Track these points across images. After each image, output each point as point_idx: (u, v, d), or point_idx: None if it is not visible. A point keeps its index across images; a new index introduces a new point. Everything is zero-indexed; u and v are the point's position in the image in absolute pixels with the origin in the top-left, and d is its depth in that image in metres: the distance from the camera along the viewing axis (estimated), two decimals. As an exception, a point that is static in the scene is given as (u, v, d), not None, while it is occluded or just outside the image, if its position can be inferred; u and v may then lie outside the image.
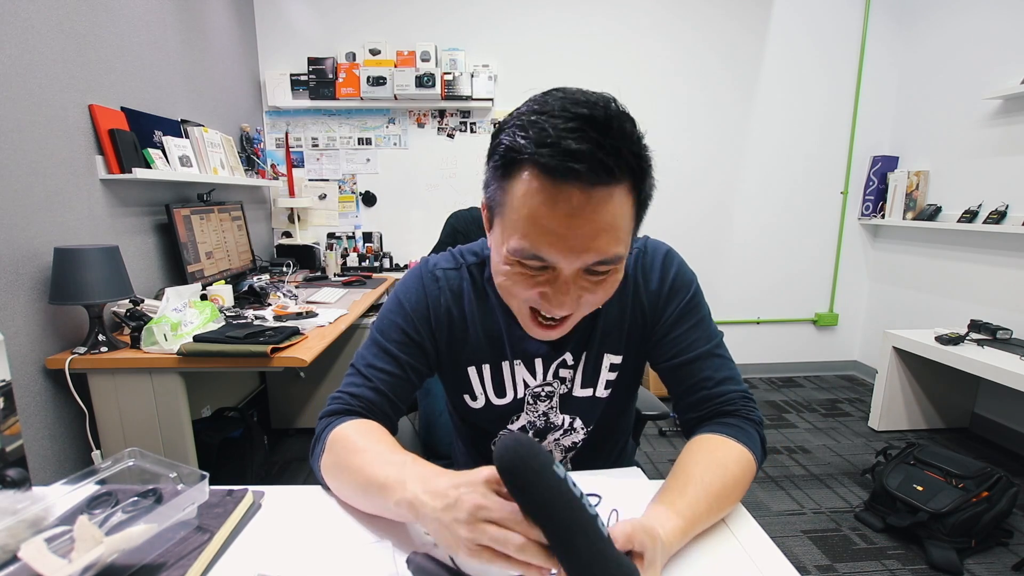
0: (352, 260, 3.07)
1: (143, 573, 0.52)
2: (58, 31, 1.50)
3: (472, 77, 2.87)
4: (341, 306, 2.04)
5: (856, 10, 3.07)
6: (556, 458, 0.86)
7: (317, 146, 3.04)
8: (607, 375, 0.80)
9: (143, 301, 1.59)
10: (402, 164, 3.08)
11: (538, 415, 0.82)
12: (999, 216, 2.45)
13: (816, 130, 3.18)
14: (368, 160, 3.07)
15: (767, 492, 2.08)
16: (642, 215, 0.62)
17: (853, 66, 3.12)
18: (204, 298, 1.80)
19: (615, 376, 0.81)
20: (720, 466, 0.66)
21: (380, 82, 2.82)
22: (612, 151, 0.54)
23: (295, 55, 2.92)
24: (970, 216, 2.59)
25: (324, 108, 2.97)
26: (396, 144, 3.05)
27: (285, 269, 2.67)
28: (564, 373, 0.80)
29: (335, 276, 2.78)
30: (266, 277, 2.46)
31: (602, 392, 0.81)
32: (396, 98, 2.87)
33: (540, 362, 0.79)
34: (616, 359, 0.80)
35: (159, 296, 1.72)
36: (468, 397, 0.82)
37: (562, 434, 0.84)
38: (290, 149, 3.01)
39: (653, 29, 3.01)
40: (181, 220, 1.92)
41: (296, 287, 2.39)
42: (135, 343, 1.49)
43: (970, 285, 2.68)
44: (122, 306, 1.59)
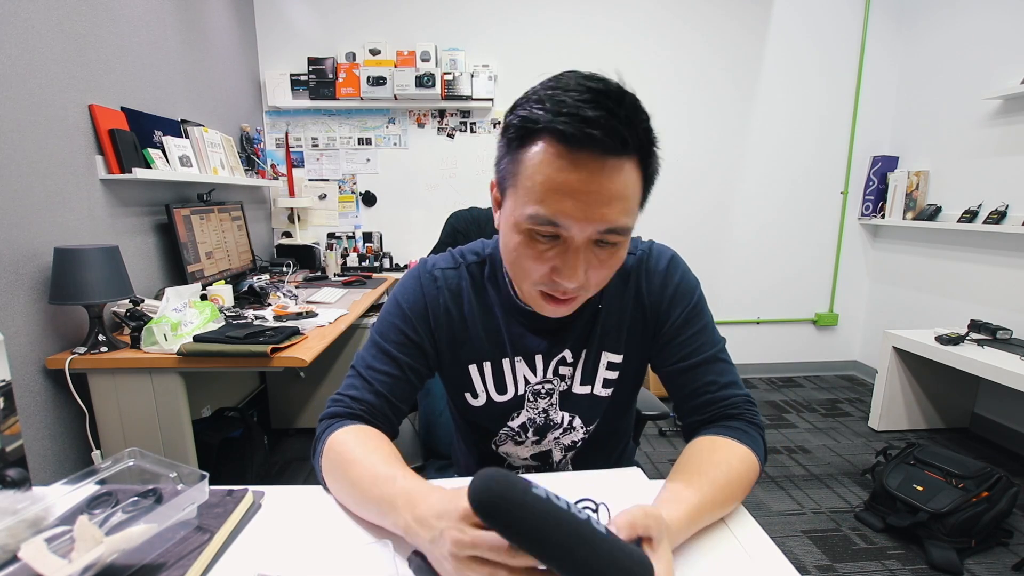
0: (352, 260, 3.07)
1: (143, 573, 0.52)
2: (58, 31, 1.50)
3: (472, 77, 2.87)
4: (341, 306, 2.04)
5: (856, 10, 3.07)
6: (556, 458, 0.87)
7: (317, 146, 3.04)
8: (605, 373, 0.81)
9: (143, 301, 1.59)
10: (402, 164, 3.08)
11: (538, 412, 0.82)
12: (999, 216, 2.45)
13: (816, 130, 3.18)
14: (368, 160, 3.07)
15: (767, 492, 2.08)
16: (648, 192, 0.64)
17: (853, 66, 3.12)
18: (204, 298, 1.80)
19: (615, 376, 0.81)
20: (724, 462, 0.67)
21: (380, 82, 2.82)
22: (625, 121, 0.56)
23: (295, 55, 2.92)
24: (970, 216, 2.60)
25: (324, 108, 2.97)
26: (396, 144, 3.05)
27: (285, 269, 2.67)
28: (564, 370, 0.80)
29: (335, 276, 2.78)
30: (266, 277, 2.46)
31: (600, 390, 0.81)
32: (396, 98, 2.87)
33: (540, 359, 0.79)
34: (615, 358, 0.80)
35: (159, 296, 1.72)
36: (469, 395, 0.82)
37: (562, 432, 0.84)
38: (290, 149, 3.01)
39: (653, 29, 3.01)
40: (181, 220, 1.92)
41: (296, 287, 2.39)
42: (135, 343, 1.49)
43: (970, 285, 2.68)
44: (122, 306, 1.59)
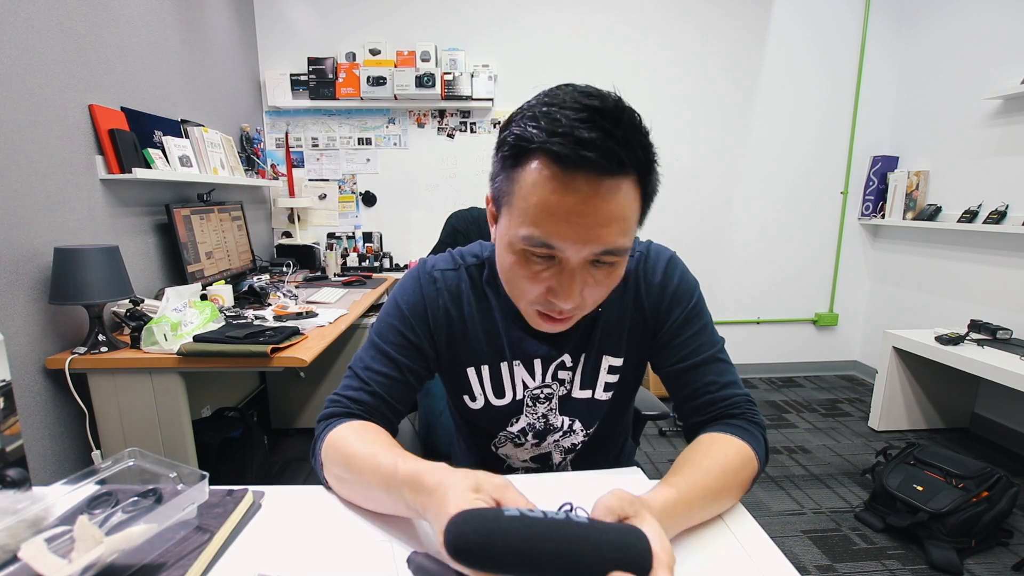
0: (352, 260, 3.07)
1: (143, 573, 0.52)
2: (58, 31, 1.50)
3: (472, 77, 2.87)
4: (341, 306, 2.04)
5: (856, 10, 3.07)
6: (556, 460, 0.87)
7: (317, 146, 3.04)
8: (606, 377, 0.80)
9: (143, 301, 1.59)
10: (402, 164, 3.08)
11: (537, 417, 0.82)
12: (999, 216, 2.45)
13: (816, 130, 3.18)
14: (368, 160, 3.07)
15: (767, 492, 2.08)
16: (647, 211, 0.63)
17: (853, 66, 3.12)
18: (204, 298, 1.80)
19: (615, 379, 0.81)
20: (720, 454, 0.67)
21: (380, 82, 2.82)
22: (622, 141, 0.54)
23: (295, 55, 2.92)
24: (970, 216, 2.59)
25: (324, 108, 2.97)
26: (396, 144, 3.05)
27: (285, 269, 2.67)
28: (563, 375, 0.80)
29: (335, 276, 2.78)
30: (266, 277, 2.46)
31: (601, 394, 0.81)
32: (396, 98, 2.87)
33: (539, 363, 0.79)
34: (616, 361, 0.80)
35: (159, 296, 1.72)
36: (468, 398, 0.82)
37: (561, 436, 0.84)
38: (290, 149, 3.01)
39: (653, 29, 3.01)
40: (181, 220, 1.92)
41: (296, 287, 2.39)
42: (135, 343, 1.49)
43: (970, 285, 2.68)
44: (122, 306, 1.59)
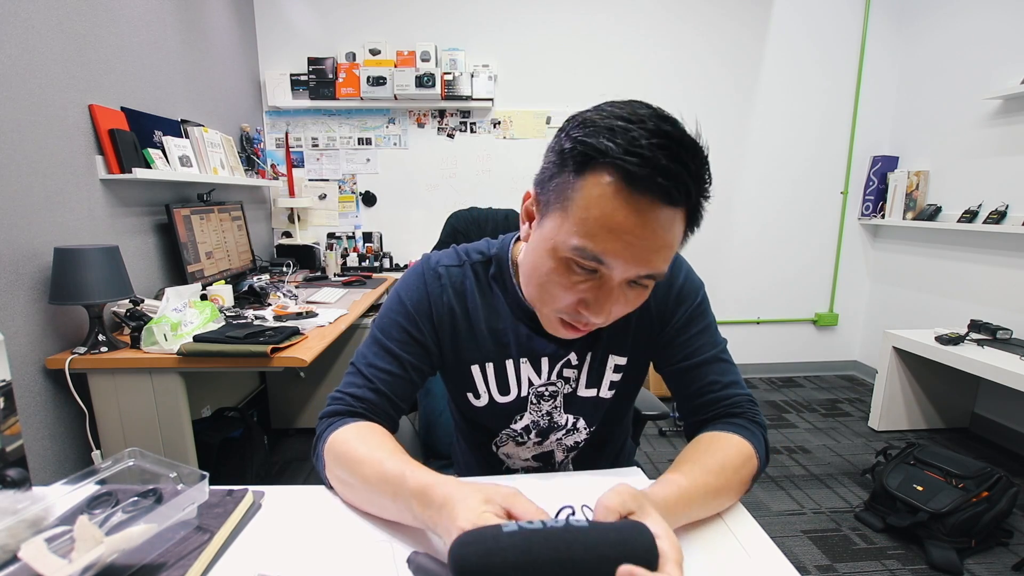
0: (352, 260, 3.07)
1: (143, 573, 0.52)
2: (58, 31, 1.50)
3: (472, 77, 2.87)
4: (341, 306, 2.04)
5: (856, 10, 3.06)
6: (558, 458, 0.87)
7: (317, 146, 3.04)
8: (611, 376, 0.81)
9: (143, 301, 1.59)
10: (402, 164, 3.08)
11: (542, 415, 0.82)
12: (999, 216, 2.45)
13: (816, 130, 3.18)
14: (368, 160, 3.07)
15: (767, 492, 2.08)
16: (685, 241, 0.62)
17: (853, 66, 3.12)
18: (204, 298, 1.80)
19: (619, 377, 0.81)
20: (719, 451, 0.68)
21: (380, 82, 2.82)
22: (695, 177, 0.55)
23: (295, 55, 2.92)
24: (970, 216, 2.59)
25: (324, 108, 2.97)
26: (396, 144, 3.05)
27: (285, 269, 2.67)
28: (568, 373, 0.80)
29: (335, 276, 2.78)
30: (266, 277, 2.46)
31: (606, 393, 0.81)
32: (396, 98, 2.87)
33: (546, 361, 0.79)
34: (621, 360, 0.80)
35: (159, 296, 1.72)
36: (471, 395, 0.81)
37: (565, 434, 0.84)
38: (290, 149, 3.01)
39: (653, 29, 3.01)
40: (181, 220, 1.92)
41: (296, 287, 2.39)
42: (135, 343, 1.49)
43: (970, 285, 2.68)
44: (122, 306, 1.59)
